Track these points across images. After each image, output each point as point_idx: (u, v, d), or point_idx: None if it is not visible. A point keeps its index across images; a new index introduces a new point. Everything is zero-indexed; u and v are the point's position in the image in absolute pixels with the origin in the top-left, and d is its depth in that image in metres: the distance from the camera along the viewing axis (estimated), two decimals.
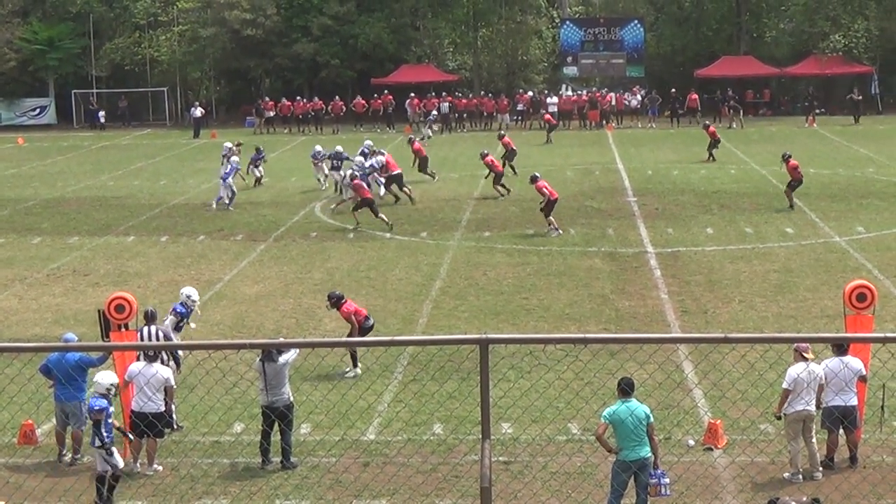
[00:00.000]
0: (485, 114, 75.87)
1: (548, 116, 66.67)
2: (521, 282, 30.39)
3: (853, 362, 17.65)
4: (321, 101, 75.53)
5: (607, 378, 18.43)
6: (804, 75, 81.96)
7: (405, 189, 42.70)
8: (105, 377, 17.53)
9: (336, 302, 22.88)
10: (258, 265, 33.04)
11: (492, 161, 43.89)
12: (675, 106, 73.72)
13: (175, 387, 18.39)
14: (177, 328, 21.82)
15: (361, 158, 42.46)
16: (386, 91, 76.92)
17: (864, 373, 17.83)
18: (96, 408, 17.11)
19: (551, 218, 36.21)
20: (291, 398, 18.34)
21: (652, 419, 15.91)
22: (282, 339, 22.15)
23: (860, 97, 73.83)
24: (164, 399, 18.16)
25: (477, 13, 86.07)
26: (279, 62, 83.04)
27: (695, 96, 74.58)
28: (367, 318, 22.79)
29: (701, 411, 20.12)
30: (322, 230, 37.97)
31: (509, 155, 48.87)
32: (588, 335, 8.99)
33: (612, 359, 20.72)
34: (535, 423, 19.08)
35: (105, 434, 17.06)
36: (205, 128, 74.43)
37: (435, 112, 71.74)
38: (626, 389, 15.95)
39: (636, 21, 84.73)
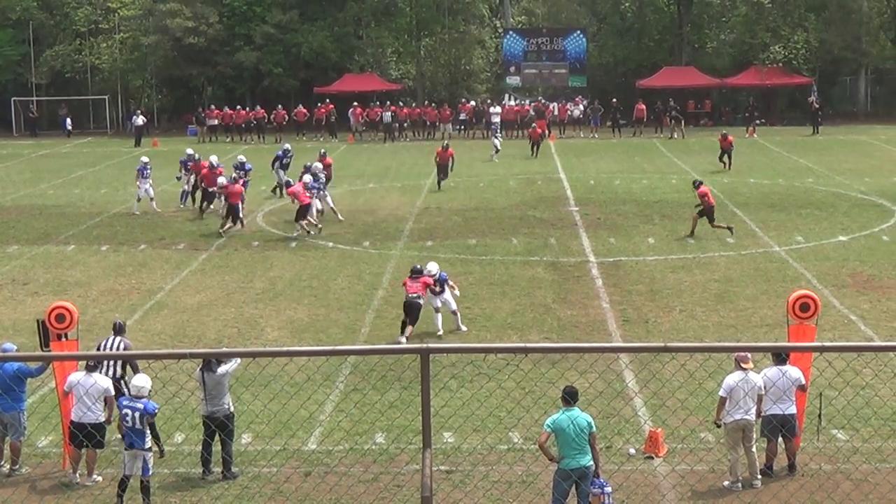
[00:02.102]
0: (428, 123, 75.90)
1: (532, 132, 65.21)
2: (463, 291, 30.30)
3: (792, 371, 17.77)
4: (263, 110, 75.32)
5: (548, 387, 18.49)
6: (745, 86, 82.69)
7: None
8: (144, 381, 17.39)
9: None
10: (200, 274, 32.88)
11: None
12: (616, 116, 74.05)
13: (113, 395, 18.21)
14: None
15: (310, 177, 41.64)
16: (328, 100, 76.79)
17: (804, 382, 17.95)
18: (156, 409, 17.09)
19: (720, 224, 36.94)
20: (232, 408, 18.24)
21: (594, 428, 15.96)
22: (224, 349, 22.09)
23: (819, 106, 74.35)
24: (104, 409, 18.03)
25: (420, 22, 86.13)
26: (221, 70, 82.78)
27: (642, 106, 74.99)
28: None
29: (641, 420, 20.19)
30: (264, 239, 37.84)
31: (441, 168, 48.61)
32: (528, 345, 9.02)
33: (553, 368, 20.76)
34: (476, 432, 19.10)
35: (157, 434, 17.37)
36: (146, 136, 74.03)
37: (497, 120, 70.83)
38: (567, 398, 16.00)
39: (579, 31, 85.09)
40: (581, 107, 77.28)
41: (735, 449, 17.63)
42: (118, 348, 19.90)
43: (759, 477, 17.72)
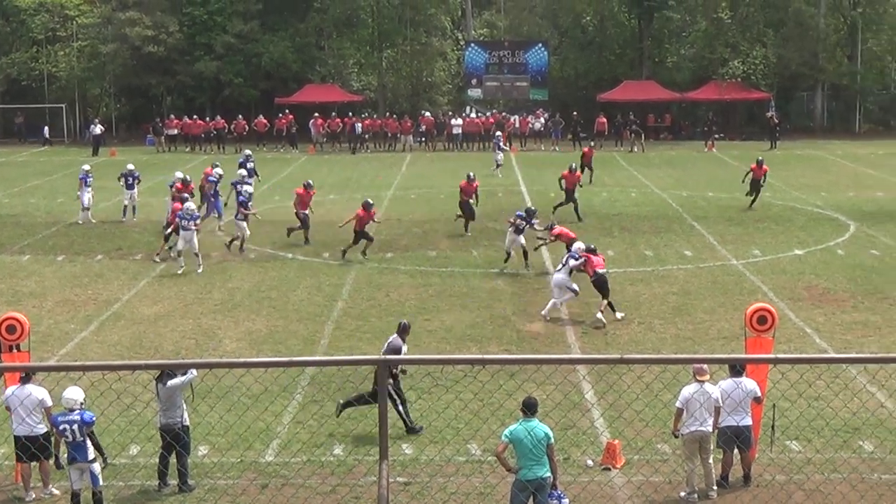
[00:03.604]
0: (389, 135, 75.95)
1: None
2: (423, 303, 30.42)
3: (747, 383, 17.88)
4: (223, 120, 75.16)
5: (506, 399, 18.53)
6: (704, 100, 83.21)
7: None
8: (76, 393, 17.15)
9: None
10: (157, 285, 32.76)
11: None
12: (577, 129, 74.29)
13: (51, 405, 17.94)
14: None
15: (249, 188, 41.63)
16: (287, 111, 76.72)
17: (759, 394, 18.06)
18: (92, 419, 16.92)
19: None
20: (187, 421, 18.13)
21: (552, 439, 15.98)
22: (180, 360, 22.05)
23: (778, 122, 74.85)
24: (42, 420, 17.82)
25: (382, 34, 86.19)
26: (181, 80, 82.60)
27: (603, 120, 75.31)
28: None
29: (599, 431, 20.26)
30: (223, 250, 37.71)
31: None
32: (485, 356, 9.07)
33: (511, 379, 20.83)
34: (434, 444, 19.13)
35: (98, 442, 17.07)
36: (104, 145, 73.65)
37: (499, 133, 67.41)
38: (526, 409, 16.03)
39: (540, 44, 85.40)
40: (542, 119, 77.56)
41: (691, 460, 17.72)
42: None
43: (715, 488, 17.81)
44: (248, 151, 50.62)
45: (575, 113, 75.98)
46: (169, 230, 36.19)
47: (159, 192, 51.27)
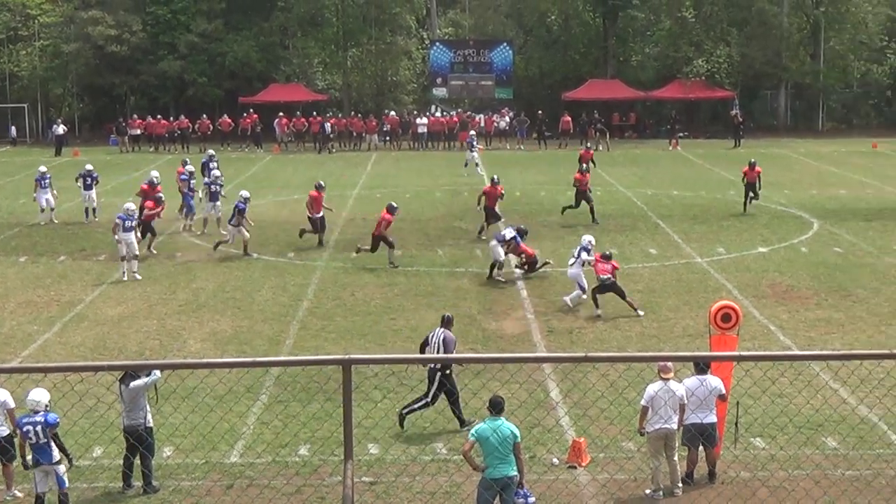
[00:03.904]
0: (354, 134, 75.86)
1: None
2: (388, 302, 30.40)
3: (711, 380, 17.91)
4: (187, 120, 74.91)
5: (471, 397, 18.54)
6: (668, 99, 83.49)
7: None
8: (41, 395, 17.01)
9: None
10: (121, 286, 32.60)
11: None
12: (542, 128, 74.39)
13: (13, 407, 17.85)
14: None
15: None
16: (251, 110, 76.55)
17: (723, 391, 18.11)
18: (57, 421, 16.78)
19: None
20: (150, 422, 18.02)
21: (519, 438, 15.94)
22: (143, 361, 21.95)
23: (742, 120, 75.16)
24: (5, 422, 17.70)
25: (347, 33, 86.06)
26: (145, 79, 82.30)
27: (568, 118, 75.44)
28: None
29: (564, 430, 20.29)
30: (187, 250, 37.61)
31: None
32: (451, 355, 9.04)
33: (476, 378, 20.83)
34: (399, 443, 19.12)
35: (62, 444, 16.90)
36: (67, 146, 73.21)
37: (473, 132, 65.47)
38: (492, 408, 16.02)
39: (505, 43, 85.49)
40: (507, 118, 77.62)
41: (657, 457, 17.76)
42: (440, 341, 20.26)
43: (680, 485, 17.85)
44: (211, 151, 50.50)
45: (540, 112, 76.10)
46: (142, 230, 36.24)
47: (123, 192, 51.09)
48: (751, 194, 44.66)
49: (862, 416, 20.59)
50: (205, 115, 76.45)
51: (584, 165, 45.00)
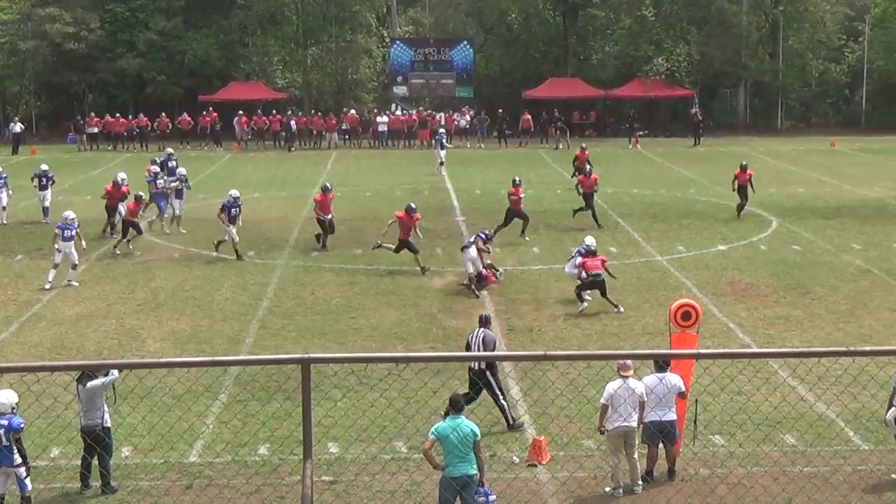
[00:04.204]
0: (314, 132, 75.72)
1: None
2: (349, 301, 30.35)
3: (671, 378, 17.95)
4: (146, 118, 74.59)
5: (430, 396, 18.52)
6: (629, 97, 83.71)
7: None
8: (8, 396, 16.85)
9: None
10: (79, 285, 32.41)
11: None
12: (502, 127, 74.48)
13: None
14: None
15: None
16: (211, 108, 76.31)
17: (683, 389, 18.16)
18: (21, 425, 16.58)
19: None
20: (108, 422, 17.90)
21: (479, 436, 15.92)
22: (101, 361, 21.84)
23: (701, 118, 75.47)
24: None
25: (307, 31, 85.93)
26: (103, 77, 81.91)
27: (528, 117, 75.54)
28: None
29: (524, 428, 20.29)
30: (146, 249, 37.43)
31: None
32: (410, 354, 9.05)
33: (436, 377, 20.81)
34: (359, 442, 19.08)
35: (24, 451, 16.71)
36: (24, 144, 72.71)
37: (443, 130, 65.98)
38: (452, 406, 16.00)
39: (465, 42, 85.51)
40: (468, 117, 77.67)
41: (616, 455, 17.78)
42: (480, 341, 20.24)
43: (640, 482, 17.89)
44: (170, 150, 50.27)
45: (500, 110, 76.27)
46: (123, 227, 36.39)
47: (82, 190, 50.99)
48: (743, 199, 42.97)
49: (819, 413, 20.69)
50: (164, 114, 76.17)
51: (589, 167, 43.58)
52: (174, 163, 46.04)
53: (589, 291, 28.81)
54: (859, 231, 39.75)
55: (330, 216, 37.71)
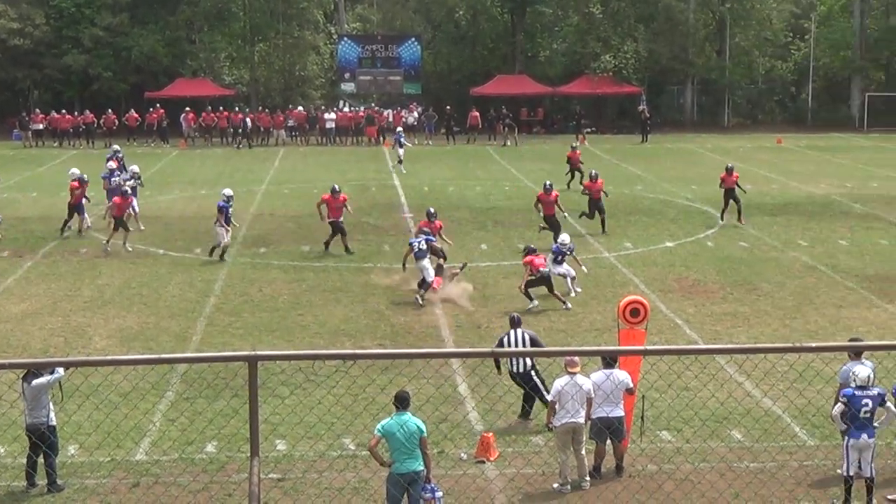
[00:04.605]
0: (262, 129, 75.46)
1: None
2: (296, 298, 30.28)
3: (618, 374, 18.02)
4: (92, 115, 74.11)
5: (378, 393, 18.51)
6: (576, 94, 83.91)
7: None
8: None
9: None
10: (24, 282, 32.18)
11: None
12: (450, 123, 74.54)
13: None
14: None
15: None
16: (158, 105, 75.95)
17: (631, 385, 18.23)
18: None
19: None
20: (53, 420, 17.78)
21: (425, 433, 15.93)
22: (46, 359, 21.66)
23: (649, 116, 75.78)
24: None
25: (254, 27, 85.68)
26: (49, 73, 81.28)
27: (476, 114, 75.59)
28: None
29: (472, 424, 20.32)
30: (93, 246, 37.18)
31: None
32: (357, 351, 9.04)
33: (384, 374, 20.81)
34: (307, 439, 19.03)
35: None
36: None
37: (401, 129, 65.59)
38: (398, 403, 16.00)
39: (413, 39, 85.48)
40: (416, 114, 77.65)
41: (564, 451, 17.83)
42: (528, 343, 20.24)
43: (588, 478, 17.94)
44: (116, 146, 49.95)
45: (448, 107, 76.28)
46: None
47: (27, 187, 50.72)
48: (734, 202, 40.88)
49: (766, 409, 20.84)
50: (110, 110, 75.67)
51: (594, 172, 41.06)
52: (120, 159, 45.74)
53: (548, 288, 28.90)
54: (805, 228, 40.03)
55: (340, 218, 35.98)
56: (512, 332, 20.86)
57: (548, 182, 38.44)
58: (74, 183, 39.28)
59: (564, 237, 30.62)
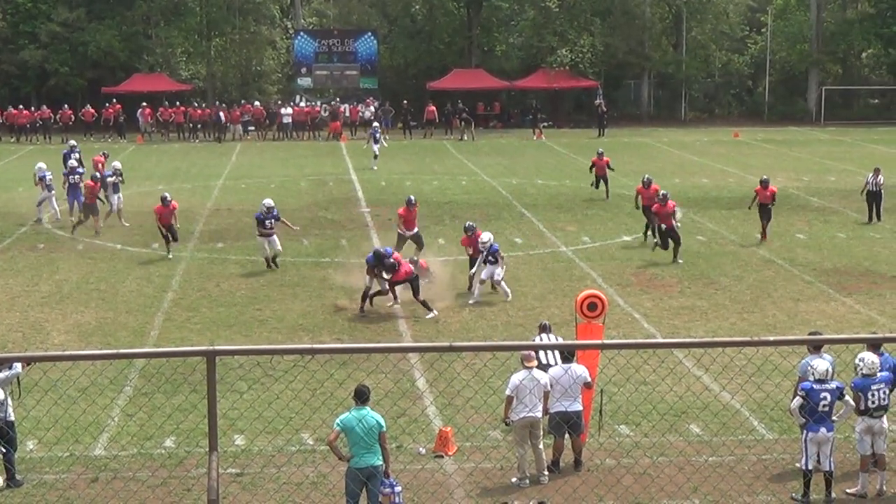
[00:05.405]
0: (218, 124, 75.16)
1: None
2: (254, 293, 30.24)
3: (576, 368, 18.09)
4: (49, 110, 73.66)
5: (336, 387, 18.52)
6: (533, 88, 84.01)
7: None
8: None
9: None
10: None
11: None
12: (407, 118, 74.51)
13: None
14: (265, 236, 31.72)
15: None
16: (115, 100, 75.62)
17: (589, 379, 18.31)
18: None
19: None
20: (11, 416, 17.73)
21: (384, 428, 15.95)
22: (3, 354, 21.60)
23: (605, 110, 75.94)
24: None
25: (210, 22, 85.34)
26: (5, 69, 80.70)
27: (432, 108, 75.60)
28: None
29: (430, 419, 20.36)
30: (50, 241, 37.04)
31: None
32: (315, 346, 9.03)
33: (342, 368, 20.82)
34: (265, 434, 19.02)
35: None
36: None
37: (377, 124, 64.74)
38: (356, 398, 16.01)
39: (370, 33, 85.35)
40: (372, 108, 77.58)
41: (522, 445, 17.88)
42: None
43: (546, 473, 18.01)
44: (72, 142, 49.75)
45: (405, 101, 76.22)
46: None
47: None
48: (764, 219, 36.89)
49: (724, 403, 20.96)
50: (66, 105, 75.24)
51: (663, 192, 34.79)
52: (77, 155, 45.55)
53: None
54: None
55: (416, 230, 33.74)
56: (541, 335, 20.78)
57: (646, 176, 38.01)
58: (90, 182, 38.69)
59: (485, 236, 29.53)
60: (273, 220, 32.90)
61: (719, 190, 48.19)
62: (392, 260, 27.80)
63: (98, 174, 40.35)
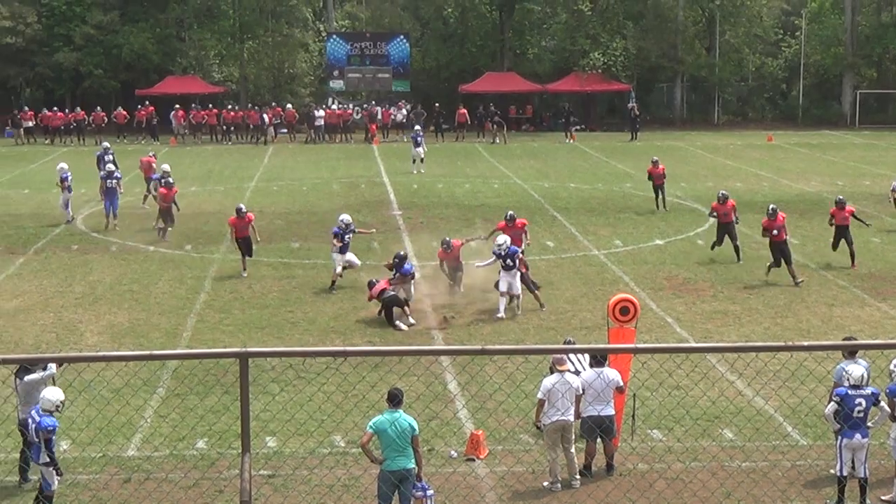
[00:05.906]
0: (251, 126, 75.36)
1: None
2: (286, 295, 30.29)
3: (609, 373, 18.05)
4: (83, 112, 74.00)
5: (368, 390, 18.53)
6: (565, 92, 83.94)
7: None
8: (54, 394, 16.68)
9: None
10: (17, 279, 32.17)
11: None
12: (439, 120, 74.51)
13: None
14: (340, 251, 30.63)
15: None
16: (147, 102, 75.93)
17: (621, 383, 18.26)
18: (50, 426, 16.37)
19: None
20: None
21: (417, 431, 15.94)
22: (39, 354, 21.69)
23: (638, 113, 75.73)
24: None
25: (243, 25, 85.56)
26: (40, 71, 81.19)
27: (464, 111, 75.61)
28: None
29: (462, 422, 20.34)
30: (84, 243, 37.21)
31: None
32: (348, 348, 9.03)
33: (374, 371, 20.83)
34: (297, 436, 19.04)
35: (52, 452, 16.50)
36: None
37: (418, 127, 62.71)
38: (390, 400, 16.01)
39: (402, 36, 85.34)
40: (404, 111, 77.64)
41: (554, 449, 17.85)
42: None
43: (578, 477, 17.97)
44: (106, 144, 49.99)
45: (436, 104, 76.20)
46: None
47: (19, 184, 50.79)
48: (846, 243, 33.53)
49: (758, 408, 20.87)
50: (100, 108, 75.53)
51: (722, 192, 35.04)
52: (111, 157, 45.76)
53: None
54: (797, 225, 39.97)
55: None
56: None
57: (722, 191, 35.63)
58: (163, 189, 38.51)
59: (501, 238, 28.80)
60: (351, 235, 31.97)
61: (752, 194, 47.96)
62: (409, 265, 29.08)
63: (162, 178, 39.94)
